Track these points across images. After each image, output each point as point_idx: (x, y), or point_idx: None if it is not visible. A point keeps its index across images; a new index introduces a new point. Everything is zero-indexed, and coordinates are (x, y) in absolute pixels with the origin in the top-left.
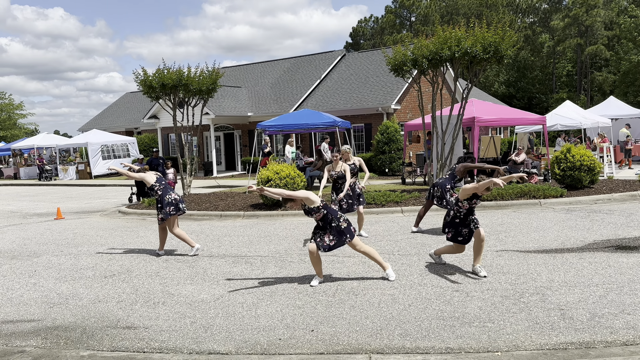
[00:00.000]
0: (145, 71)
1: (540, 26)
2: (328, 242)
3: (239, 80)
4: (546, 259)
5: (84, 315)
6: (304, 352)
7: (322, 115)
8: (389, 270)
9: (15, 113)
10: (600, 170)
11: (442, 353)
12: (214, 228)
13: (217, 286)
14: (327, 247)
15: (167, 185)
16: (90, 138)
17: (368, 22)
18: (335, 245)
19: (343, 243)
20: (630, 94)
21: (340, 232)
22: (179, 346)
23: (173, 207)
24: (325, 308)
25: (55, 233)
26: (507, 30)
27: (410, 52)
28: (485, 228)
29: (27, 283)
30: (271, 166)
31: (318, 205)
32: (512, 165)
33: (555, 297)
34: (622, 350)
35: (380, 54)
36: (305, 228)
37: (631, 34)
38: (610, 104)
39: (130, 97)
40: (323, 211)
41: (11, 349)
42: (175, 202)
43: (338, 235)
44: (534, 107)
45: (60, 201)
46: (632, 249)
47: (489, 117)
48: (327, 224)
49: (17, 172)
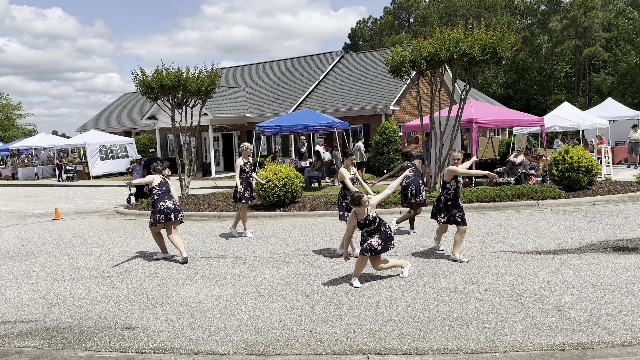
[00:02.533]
0: (143, 72)
1: (539, 28)
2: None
3: (238, 81)
4: (544, 260)
5: (82, 315)
6: (302, 353)
7: (320, 116)
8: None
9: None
10: (598, 171)
11: (440, 354)
12: (212, 229)
13: (216, 287)
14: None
15: (166, 192)
16: (89, 138)
17: (367, 24)
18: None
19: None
20: (628, 96)
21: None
22: (177, 347)
23: (163, 216)
24: (323, 309)
25: (53, 234)
26: (506, 31)
27: (409, 54)
28: (483, 229)
29: (25, 283)
30: (270, 167)
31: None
32: (510, 167)
33: (553, 298)
34: (619, 351)
35: (378, 55)
36: (303, 229)
37: (629, 36)
38: (608, 106)
39: (129, 98)
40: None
41: (9, 349)
42: (167, 210)
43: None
44: (532, 108)
45: (58, 202)
46: (630, 250)
47: (487, 119)
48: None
49: (15, 172)
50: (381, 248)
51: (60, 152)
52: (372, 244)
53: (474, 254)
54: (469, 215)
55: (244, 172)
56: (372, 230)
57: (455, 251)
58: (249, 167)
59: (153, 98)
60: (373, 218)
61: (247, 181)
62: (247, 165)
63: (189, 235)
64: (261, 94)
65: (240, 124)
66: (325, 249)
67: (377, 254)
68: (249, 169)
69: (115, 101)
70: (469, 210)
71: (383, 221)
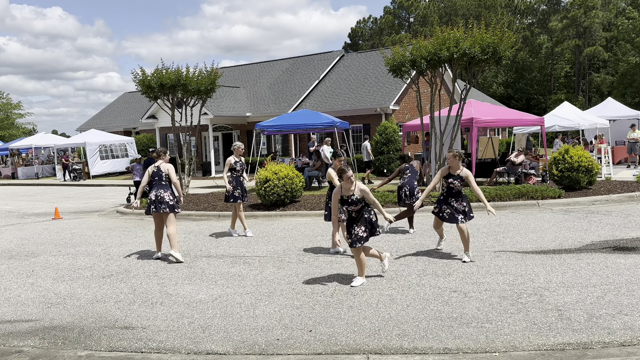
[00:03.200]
0: (143, 71)
1: (539, 27)
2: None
3: (238, 80)
4: (544, 260)
5: (82, 315)
6: (302, 353)
7: (320, 116)
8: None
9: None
10: (598, 171)
11: (440, 353)
12: (212, 228)
13: (215, 286)
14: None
15: (156, 182)
16: (89, 138)
17: (367, 23)
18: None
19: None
20: (628, 95)
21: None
22: (177, 346)
23: (153, 207)
24: (323, 308)
25: (53, 233)
26: (506, 31)
27: (409, 53)
28: (483, 229)
29: (24, 283)
30: (270, 166)
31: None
32: (510, 166)
33: (553, 298)
34: (619, 351)
35: (378, 54)
36: (303, 229)
37: (629, 36)
38: (608, 105)
39: (129, 97)
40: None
41: (8, 349)
42: (150, 201)
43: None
44: (532, 108)
45: (58, 201)
46: (630, 249)
47: (487, 118)
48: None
49: (15, 171)
50: (367, 234)
51: (67, 151)
52: (358, 234)
53: (474, 253)
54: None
55: (234, 170)
56: (355, 213)
57: (464, 249)
58: (239, 165)
59: (153, 97)
60: (357, 199)
61: (237, 180)
62: (238, 164)
63: (189, 235)
64: (261, 93)
65: (240, 123)
66: (325, 249)
67: (365, 241)
68: (240, 167)
69: (115, 100)
70: None
71: (369, 207)
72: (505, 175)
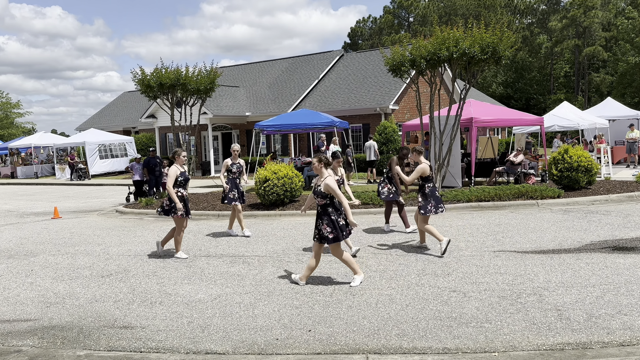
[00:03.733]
0: (143, 70)
1: (538, 27)
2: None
3: (237, 80)
4: (543, 260)
5: (81, 314)
6: (301, 352)
7: (320, 115)
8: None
9: (12, 112)
10: (597, 171)
11: (439, 353)
12: (212, 228)
13: (215, 286)
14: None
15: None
16: (88, 137)
17: (366, 23)
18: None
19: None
20: (627, 95)
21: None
22: (176, 346)
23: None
24: (322, 308)
25: (52, 232)
26: (505, 31)
27: (409, 53)
28: (482, 228)
29: (23, 282)
30: (269, 166)
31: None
32: (509, 166)
33: (552, 298)
34: (618, 350)
35: (378, 54)
36: (303, 228)
37: (628, 36)
38: (608, 105)
39: (128, 97)
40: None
41: (7, 348)
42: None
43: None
44: (532, 108)
45: (58, 200)
46: (629, 249)
47: (487, 118)
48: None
49: (14, 171)
50: (333, 237)
51: (72, 150)
52: (323, 233)
53: (474, 253)
54: (468, 215)
55: (230, 172)
56: (320, 207)
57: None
58: (236, 167)
59: (152, 97)
60: (320, 192)
61: (233, 181)
62: (234, 166)
63: (188, 235)
64: (261, 93)
65: (239, 122)
66: (324, 248)
67: (330, 243)
68: (237, 169)
69: (115, 100)
70: (469, 210)
71: (339, 211)
72: (505, 175)
